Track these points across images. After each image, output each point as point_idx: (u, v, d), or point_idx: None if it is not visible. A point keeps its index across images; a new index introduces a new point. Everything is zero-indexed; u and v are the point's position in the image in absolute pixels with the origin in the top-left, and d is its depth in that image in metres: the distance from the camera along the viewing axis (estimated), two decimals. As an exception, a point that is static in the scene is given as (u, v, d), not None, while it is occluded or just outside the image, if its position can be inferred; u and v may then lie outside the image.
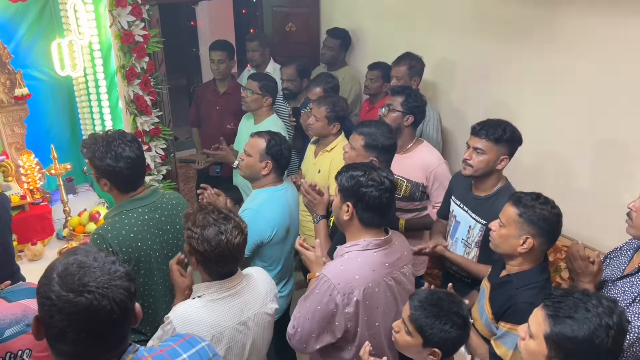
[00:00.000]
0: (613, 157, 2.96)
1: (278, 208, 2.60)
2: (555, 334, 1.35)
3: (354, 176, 1.97)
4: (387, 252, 2.01)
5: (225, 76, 4.10)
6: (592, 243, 2.77)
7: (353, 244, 2.00)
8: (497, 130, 2.37)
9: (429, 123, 3.50)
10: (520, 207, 1.94)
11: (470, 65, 3.73)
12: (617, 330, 1.33)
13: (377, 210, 1.97)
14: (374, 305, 1.97)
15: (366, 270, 1.95)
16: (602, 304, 1.36)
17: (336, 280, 1.91)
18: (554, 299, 1.41)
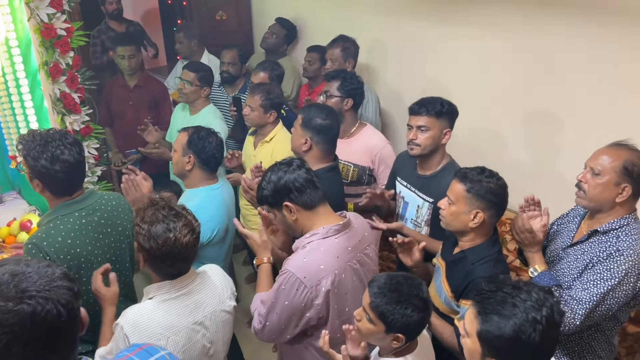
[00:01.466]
0: (547, 129, 3.08)
1: (216, 208, 2.53)
2: (484, 332, 1.34)
3: (270, 181, 1.95)
4: (349, 236, 1.99)
5: (136, 70, 3.92)
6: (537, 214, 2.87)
7: (312, 234, 1.96)
8: (436, 105, 2.40)
9: (367, 106, 3.50)
10: (467, 183, 1.95)
11: (405, 46, 3.76)
12: (546, 324, 1.31)
13: (308, 187, 1.94)
14: (342, 292, 1.95)
15: (330, 258, 1.92)
16: (532, 298, 1.34)
17: (301, 273, 1.87)
18: (483, 295, 1.38)
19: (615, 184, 1.88)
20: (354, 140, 2.93)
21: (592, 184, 1.92)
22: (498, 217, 1.99)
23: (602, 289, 1.84)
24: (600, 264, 1.88)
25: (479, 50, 3.29)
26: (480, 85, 3.33)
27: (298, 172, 1.94)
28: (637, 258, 1.84)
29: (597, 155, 1.94)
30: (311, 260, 1.90)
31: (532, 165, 3.15)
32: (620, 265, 1.84)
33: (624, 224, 1.90)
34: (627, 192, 1.87)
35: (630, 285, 1.84)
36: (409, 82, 3.81)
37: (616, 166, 1.87)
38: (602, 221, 1.95)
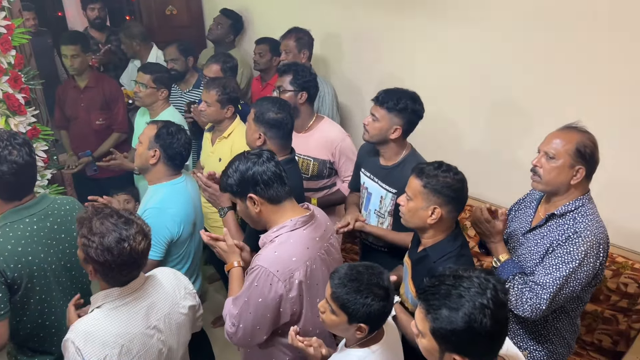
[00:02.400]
0: (502, 117, 3.13)
1: (182, 202, 2.46)
2: (437, 329, 1.33)
3: (237, 169, 1.91)
4: (315, 227, 1.97)
5: (81, 71, 3.76)
6: (493, 200, 2.92)
7: (280, 227, 1.92)
8: (392, 99, 2.39)
9: (324, 99, 3.49)
10: (423, 178, 1.92)
11: (361, 37, 3.76)
12: (494, 307, 1.30)
13: (275, 181, 1.90)
14: (314, 283, 1.93)
15: (301, 250, 1.89)
16: (474, 284, 1.33)
17: (274, 267, 1.83)
18: (427, 292, 1.36)
19: (570, 167, 1.91)
20: (312, 134, 2.90)
21: (547, 167, 1.95)
22: (457, 212, 1.96)
23: (564, 272, 1.87)
24: (560, 248, 1.91)
25: (435, 40, 3.31)
26: (437, 75, 3.35)
27: (267, 164, 1.90)
28: (594, 238, 1.89)
29: (549, 139, 1.97)
30: (282, 253, 1.86)
31: (490, 153, 3.20)
32: (580, 247, 1.88)
33: (579, 205, 1.94)
34: (581, 174, 1.91)
35: (591, 265, 1.89)
36: (365, 74, 3.80)
37: (569, 149, 1.90)
38: (558, 204, 1.98)
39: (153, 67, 3.41)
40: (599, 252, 1.90)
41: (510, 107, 3.08)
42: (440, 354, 1.36)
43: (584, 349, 2.87)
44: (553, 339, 2.09)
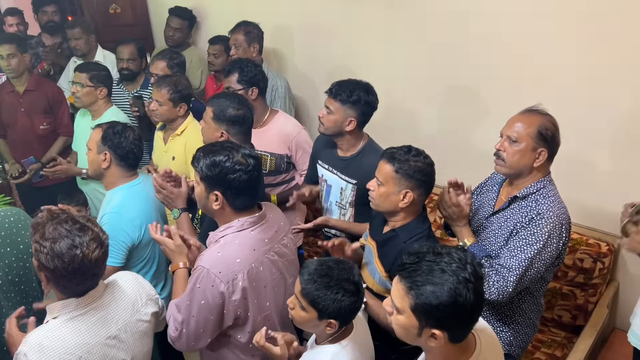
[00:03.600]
0: (459, 102, 3.16)
1: (141, 204, 2.38)
2: (420, 305, 1.32)
3: (217, 162, 1.81)
4: (264, 228, 1.92)
5: (20, 72, 3.57)
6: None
7: (227, 227, 1.87)
8: (345, 92, 2.37)
9: (277, 93, 3.44)
10: (395, 163, 1.93)
11: (313, 29, 3.73)
12: (475, 281, 1.32)
13: (248, 193, 1.86)
14: (261, 286, 1.89)
15: (246, 251, 1.84)
16: (454, 259, 1.34)
17: (216, 269, 1.78)
18: (409, 268, 1.36)
19: (532, 150, 1.94)
20: (268, 129, 2.85)
21: (511, 151, 1.97)
22: (427, 195, 1.99)
23: (529, 254, 1.90)
24: (523, 230, 1.94)
25: (387, 29, 3.31)
26: (391, 64, 3.36)
27: (247, 176, 1.82)
28: (557, 219, 1.92)
29: (511, 122, 1.99)
30: (226, 254, 1.82)
31: (447, 139, 3.23)
32: (543, 228, 1.91)
33: (541, 187, 1.97)
34: (544, 156, 1.94)
35: (554, 245, 1.93)
36: (318, 66, 3.78)
37: (531, 132, 1.93)
38: (521, 187, 2.01)
39: (89, 66, 3.29)
40: (562, 233, 1.94)
41: (465, 93, 3.12)
42: (419, 330, 1.36)
43: (545, 326, 2.94)
44: (519, 320, 2.13)
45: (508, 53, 2.87)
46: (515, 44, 2.83)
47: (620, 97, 2.60)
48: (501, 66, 2.91)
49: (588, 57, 2.63)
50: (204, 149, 1.89)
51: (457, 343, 1.38)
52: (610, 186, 2.70)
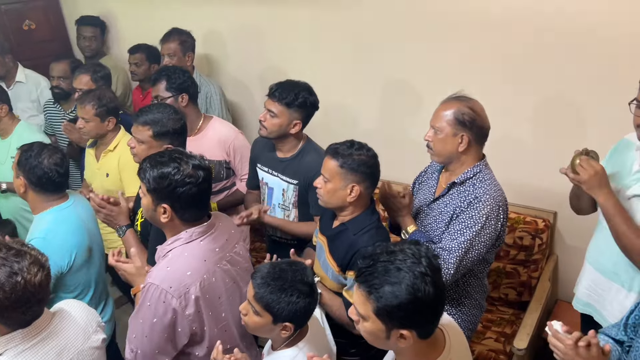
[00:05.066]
0: (394, 96, 3.21)
1: (70, 228, 2.27)
2: (382, 307, 1.30)
3: (165, 175, 1.72)
4: (214, 237, 1.86)
5: None
6: (394, 178, 2.98)
7: (174, 240, 1.80)
8: (290, 94, 2.35)
9: (211, 99, 3.39)
10: (339, 158, 1.93)
11: (241, 32, 3.68)
12: (432, 274, 1.31)
13: (198, 204, 1.80)
14: (215, 297, 1.83)
15: (197, 263, 1.78)
16: (408, 255, 1.33)
17: (166, 284, 1.71)
18: (365, 272, 1.34)
19: (453, 135, 1.99)
20: (203, 136, 2.78)
21: (436, 140, 2.03)
22: (373, 187, 2.01)
23: (469, 236, 1.95)
24: (462, 213, 1.99)
25: (314, 27, 3.32)
26: (321, 62, 3.36)
27: (197, 189, 1.74)
28: (493, 202, 1.98)
29: (435, 113, 2.05)
30: (176, 268, 1.75)
31: (384, 133, 3.27)
32: (481, 211, 1.96)
33: (477, 171, 2.03)
34: (466, 141, 1.99)
35: (492, 227, 1.98)
36: (250, 70, 3.74)
37: (449, 119, 1.99)
38: (457, 173, 2.06)
39: None
40: (499, 214, 1.99)
41: (399, 86, 3.17)
42: (386, 334, 1.35)
43: (493, 305, 3.03)
44: (465, 302, 2.18)
45: (435, 44, 2.94)
46: (441, 35, 2.90)
47: (543, 79, 2.71)
48: (430, 58, 2.98)
49: (510, 43, 2.73)
50: (151, 160, 1.79)
51: (426, 340, 1.38)
52: (539, 164, 2.81)
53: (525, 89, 2.77)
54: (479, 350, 2.70)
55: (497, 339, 2.79)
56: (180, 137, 2.31)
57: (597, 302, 2.13)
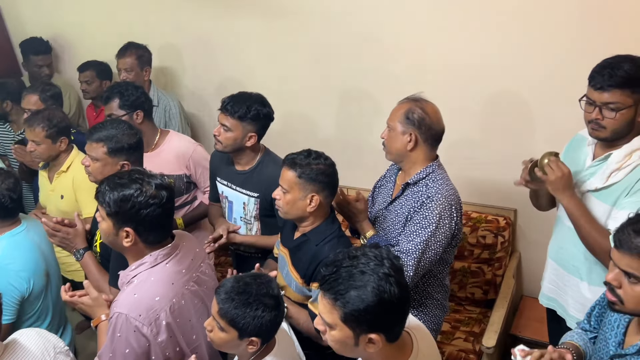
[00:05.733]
0: (351, 102, 3.22)
1: (25, 253, 2.20)
2: (349, 313, 1.29)
3: (127, 197, 1.65)
4: (179, 258, 1.80)
5: None
6: (354, 184, 3.00)
7: (139, 264, 1.74)
8: (242, 108, 2.32)
9: (170, 113, 3.34)
10: (297, 169, 1.93)
11: (194, 45, 3.64)
12: (395, 274, 1.32)
13: (162, 226, 1.75)
14: (186, 320, 1.77)
15: (164, 287, 1.72)
16: (370, 257, 1.33)
17: (135, 312, 1.65)
18: (329, 279, 1.33)
19: (402, 133, 2.03)
20: (161, 151, 2.72)
21: (388, 138, 2.08)
22: (333, 196, 2.01)
23: (424, 237, 1.97)
24: (416, 214, 2.01)
25: (268, 37, 3.31)
26: (277, 72, 3.35)
27: (161, 210, 1.69)
28: (445, 200, 2.00)
29: (391, 113, 2.09)
30: (143, 295, 1.69)
31: (343, 139, 3.28)
32: (434, 211, 1.98)
33: (430, 172, 2.05)
34: (414, 139, 2.02)
35: (447, 226, 2.00)
36: (207, 82, 3.69)
37: (399, 117, 2.04)
38: (411, 173, 2.08)
39: None
40: (452, 213, 2.02)
41: (355, 92, 3.18)
42: (355, 340, 1.33)
43: (460, 305, 3.06)
44: (427, 303, 2.19)
45: (387, 50, 2.97)
46: (395, 40, 2.93)
47: (493, 80, 2.77)
48: (383, 63, 3.00)
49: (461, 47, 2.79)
50: (110, 182, 1.71)
51: (394, 343, 1.37)
52: (496, 163, 2.85)
53: (479, 90, 2.82)
54: (449, 351, 2.72)
55: (466, 339, 2.81)
56: (136, 152, 2.24)
57: (560, 296, 2.17)
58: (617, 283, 1.38)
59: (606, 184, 1.89)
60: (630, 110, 1.82)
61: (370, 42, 3.01)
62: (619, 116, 1.82)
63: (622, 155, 1.86)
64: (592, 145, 2.00)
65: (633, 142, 1.86)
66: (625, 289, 1.36)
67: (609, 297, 1.41)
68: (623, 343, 1.48)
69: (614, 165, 1.87)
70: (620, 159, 1.86)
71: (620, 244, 1.35)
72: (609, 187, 1.89)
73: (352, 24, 3.02)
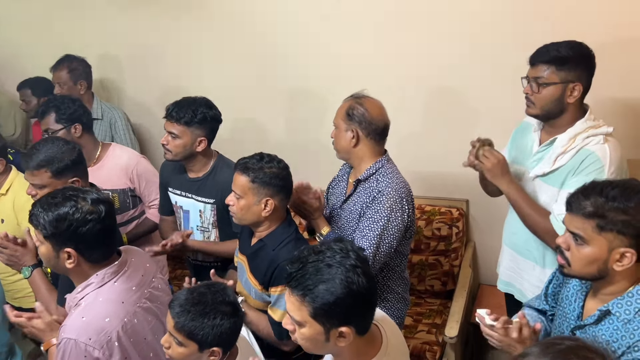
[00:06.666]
0: (300, 104, 3.22)
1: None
2: (319, 308, 1.29)
3: (63, 216, 1.59)
4: (128, 275, 1.74)
5: None
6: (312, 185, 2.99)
7: (85, 286, 1.67)
8: (187, 112, 2.28)
9: (116, 125, 3.24)
10: (249, 173, 1.90)
11: (135, 54, 3.55)
12: (362, 265, 1.32)
13: (105, 242, 1.68)
14: (140, 339, 1.71)
15: (115, 307, 1.66)
16: (336, 250, 1.34)
17: (84, 336, 1.58)
18: (295, 277, 1.32)
19: (346, 130, 2.05)
20: (103, 165, 2.63)
21: (335, 136, 2.10)
22: (287, 199, 1.99)
23: (377, 231, 1.98)
24: (369, 209, 2.03)
25: (210, 44, 3.28)
26: (223, 78, 3.31)
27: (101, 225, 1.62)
28: (396, 194, 2.02)
29: (336, 111, 2.11)
30: (92, 317, 1.62)
31: (296, 141, 3.27)
32: (385, 204, 2.00)
33: (379, 167, 2.08)
34: (356, 135, 2.04)
35: (399, 219, 2.02)
36: (151, 92, 3.60)
37: (341, 114, 2.06)
38: (361, 170, 2.10)
39: None
40: (404, 205, 2.04)
41: (303, 93, 3.18)
42: (325, 335, 1.32)
43: (421, 298, 3.10)
44: (388, 297, 2.21)
45: (330, 50, 3.00)
46: (334, 39, 2.96)
47: (437, 73, 2.84)
48: (328, 63, 3.02)
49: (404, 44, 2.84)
50: (42, 202, 1.64)
51: (364, 337, 1.37)
52: (445, 155, 2.89)
53: (423, 85, 2.88)
54: (413, 344, 2.74)
55: (429, 331, 2.84)
56: (81, 166, 2.17)
57: (516, 280, 2.23)
58: (565, 245, 1.45)
59: (553, 167, 1.96)
60: (556, 88, 1.89)
61: (314, 43, 3.02)
62: (545, 92, 1.91)
63: (567, 138, 1.93)
64: (538, 131, 2.06)
65: (576, 125, 1.93)
66: (573, 251, 1.43)
67: (559, 261, 1.49)
68: (582, 315, 1.53)
69: (560, 149, 1.94)
70: (565, 143, 1.93)
71: (571, 207, 1.43)
72: (556, 171, 1.96)
73: (294, 25, 3.03)
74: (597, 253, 1.39)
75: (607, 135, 1.91)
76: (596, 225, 1.37)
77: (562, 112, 1.94)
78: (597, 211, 1.37)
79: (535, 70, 1.92)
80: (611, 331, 1.42)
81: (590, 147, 1.89)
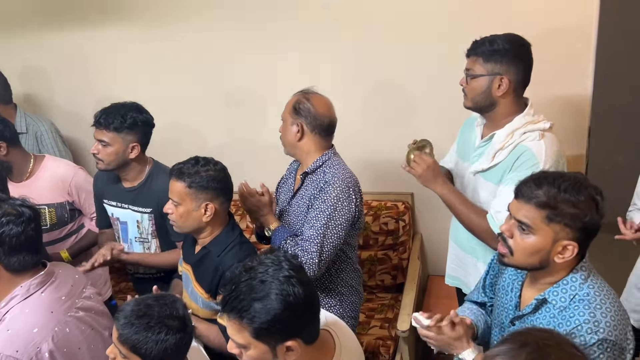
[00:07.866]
0: (238, 104, 3.18)
1: None
2: (259, 329, 1.25)
3: None
4: (57, 285, 1.68)
5: None
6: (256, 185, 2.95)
7: (9, 299, 1.60)
8: (117, 118, 2.19)
9: (42, 138, 3.07)
10: (185, 179, 1.85)
11: (62, 63, 3.39)
12: (296, 274, 1.29)
13: (26, 248, 1.60)
14: (74, 348, 1.66)
15: (43, 317, 1.60)
16: (267, 264, 1.29)
17: (11, 349, 1.52)
18: (229, 299, 1.28)
19: (292, 124, 2.05)
20: (37, 178, 2.50)
21: (282, 130, 2.09)
22: (229, 202, 1.95)
23: (324, 220, 1.97)
24: (316, 200, 2.02)
25: (141, 48, 3.19)
26: (157, 84, 3.22)
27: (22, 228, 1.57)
28: (342, 183, 2.02)
29: (285, 106, 2.11)
30: (18, 329, 1.56)
31: (237, 143, 3.23)
32: (331, 194, 1.99)
33: (326, 159, 2.07)
34: (301, 128, 2.04)
35: (346, 208, 2.01)
36: (81, 101, 3.44)
37: (288, 109, 2.07)
38: (307, 163, 2.09)
39: None
40: (351, 195, 2.03)
41: (243, 94, 3.14)
42: (272, 353, 1.28)
43: (372, 293, 3.11)
44: (342, 290, 2.19)
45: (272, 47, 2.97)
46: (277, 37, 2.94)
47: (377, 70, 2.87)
48: (268, 61, 3.00)
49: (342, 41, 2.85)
50: None
51: (314, 345, 1.33)
52: (388, 150, 2.91)
53: (362, 80, 2.91)
54: (367, 340, 2.74)
55: (381, 326, 2.85)
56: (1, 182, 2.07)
57: (463, 275, 2.26)
58: (509, 233, 1.43)
59: (492, 163, 1.95)
60: (483, 80, 1.91)
61: (248, 41, 2.98)
62: (473, 84, 1.93)
63: (505, 134, 1.92)
64: (481, 125, 2.07)
65: (514, 121, 1.92)
66: (516, 240, 1.42)
67: (500, 250, 1.47)
68: (520, 305, 1.54)
69: (498, 145, 1.93)
70: (503, 139, 1.92)
71: (522, 195, 1.41)
72: (494, 167, 1.95)
73: (227, 24, 2.99)
74: (542, 243, 1.38)
75: (545, 131, 1.90)
76: (546, 216, 1.36)
77: (494, 105, 1.93)
78: (549, 202, 1.35)
79: (468, 62, 1.95)
80: (548, 319, 1.43)
81: (526, 143, 1.88)
